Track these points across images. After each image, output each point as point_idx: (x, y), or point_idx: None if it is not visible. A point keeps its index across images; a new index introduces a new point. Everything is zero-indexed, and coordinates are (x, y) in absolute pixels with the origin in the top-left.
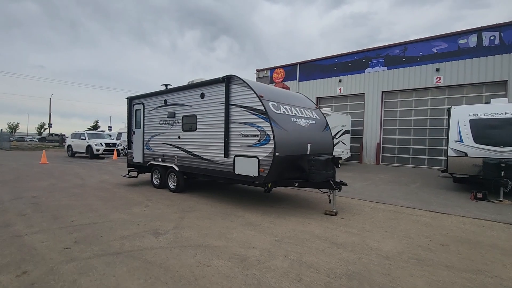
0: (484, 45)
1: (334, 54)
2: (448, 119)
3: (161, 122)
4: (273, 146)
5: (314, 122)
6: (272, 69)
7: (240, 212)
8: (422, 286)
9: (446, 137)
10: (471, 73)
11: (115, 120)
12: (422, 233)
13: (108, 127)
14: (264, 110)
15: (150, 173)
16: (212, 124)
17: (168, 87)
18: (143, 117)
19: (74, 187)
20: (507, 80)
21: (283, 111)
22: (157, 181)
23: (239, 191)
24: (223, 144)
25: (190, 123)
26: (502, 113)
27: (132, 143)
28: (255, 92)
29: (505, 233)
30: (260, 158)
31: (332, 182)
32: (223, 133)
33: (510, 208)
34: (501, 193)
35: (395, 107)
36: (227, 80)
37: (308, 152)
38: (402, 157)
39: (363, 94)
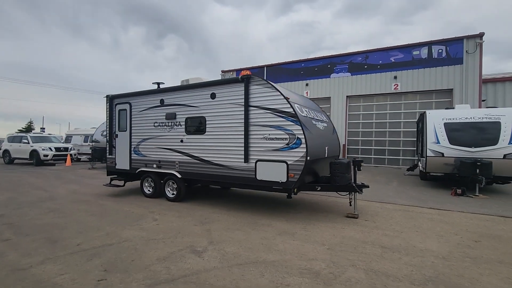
0: (433, 57)
1: (301, 58)
2: (423, 122)
3: (156, 124)
4: (305, 150)
5: (326, 125)
6: (238, 71)
7: (263, 220)
8: (499, 285)
9: (416, 139)
10: (423, 81)
11: (49, 121)
12: (447, 231)
13: (41, 128)
14: (293, 112)
15: (139, 181)
16: (226, 127)
17: (165, 86)
18: (130, 118)
19: (43, 201)
20: (452, 89)
21: (306, 114)
22: (149, 190)
23: (242, 197)
24: (242, 148)
25: (196, 126)
26: (471, 117)
27: (114, 147)
28: (282, 94)
29: (509, 226)
30: (289, 163)
31: (355, 185)
32: (242, 137)
33: (487, 201)
34: (477, 188)
35: (358, 110)
36: (247, 80)
37: (326, 156)
38: (365, 157)
39: (329, 98)
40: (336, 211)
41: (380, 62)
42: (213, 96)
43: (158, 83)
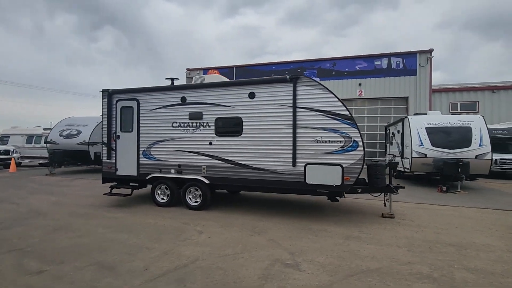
0: (392, 67)
1: (272, 61)
2: (403, 127)
3: (175, 125)
4: (362, 153)
5: None
6: (206, 70)
7: (313, 225)
8: None
9: (384, 142)
10: (384, 89)
11: None
12: (479, 225)
13: None
14: (349, 115)
15: (150, 189)
16: (269, 129)
17: (195, 82)
18: (138, 117)
19: (28, 217)
20: (408, 97)
21: None
22: (163, 199)
23: (260, 201)
24: (290, 152)
25: (230, 127)
26: (448, 122)
27: (114, 150)
28: (336, 96)
29: None
30: (344, 166)
31: (392, 186)
32: (289, 139)
33: (469, 196)
34: (459, 185)
35: None
36: (295, 81)
37: None
38: None
39: None
40: (367, 212)
41: (347, 69)
42: (252, 95)
43: (172, 79)
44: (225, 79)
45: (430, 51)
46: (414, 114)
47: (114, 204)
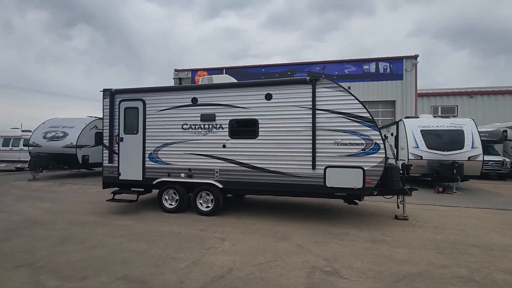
0: (380, 72)
1: (262, 64)
2: (397, 129)
3: (185, 127)
4: (383, 156)
5: None
6: (194, 71)
7: (333, 228)
8: None
9: (393, 145)
10: (372, 93)
11: None
12: (487, 225)
13: None
14: (370, 117)
15: (157, 194)
16: (287, 131)
17: (202, 82)
18: (144, 119)
19: (23, 227)
20: (395, 100)
21: None
22: (170, 204)
23: (266, 204)
24: (309, 155)
25: (245, 129)
26: (441, 125)
27: (117, 153)
28: (356, 98)
29: None
30: (366, 169)
31: (407, 188)
32: (309, 142)
33: (466, 196)
34: (454, 186)
35: None
36: (314, 82)
37: None
38: None
39: None
40: (380, 214)
41: (336, 73)
42: (268, 97)
43: (180, 79)
44: (234, 80)
45: (416, 57)
46: (406, 117)
47: (117, 211)
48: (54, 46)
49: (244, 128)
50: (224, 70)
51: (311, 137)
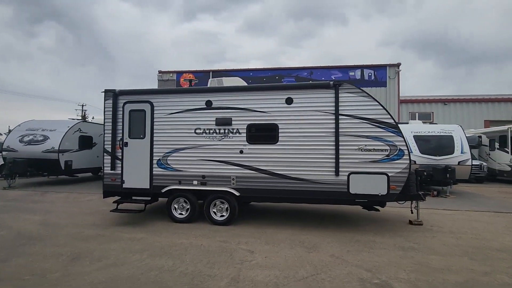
0: (365, 78)
1: (250, 68)
2: None
3: (198, 131)
4: (408, 162)
5: None
6: (179, 73)
7: (358, 236)
8: None
9: None
10: None
11: None
12: (497, 229)
13: None
14: (394, 123)
15: (166, 203)
16: (308, 136)
17: (217, 85)
18: (152, 122)
19: (25, 245)
20: None
21: None
22: (181, 214)
23: (279, 212)
24: (332, 161)
25: (265, 134)
26: (432, 131)
27: (120, 160)
28: (380, 103)
29: None
30: (390, 175)
31: (421, 194)
32: (331, 148)
33: (460, 200)
34: (447, 190)
35: None
36: (337, 87)
37: None
38: None
39: None
40: (393, 220)
41: (323, 78)
42: (289, 101)
43: (190, 80)
44: (245, 83)
45: (398, 65)
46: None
47: (121, 222)
48: (17, 43)
49: (263, 133)
50: (211, 73)
51: (334, 143)
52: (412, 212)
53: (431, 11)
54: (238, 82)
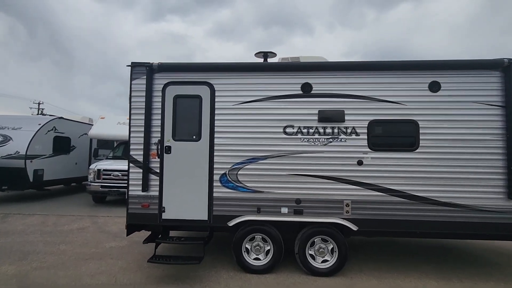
0: None
1: None
2: None
3: (290, 131)
4: None
5: None
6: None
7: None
8: None
9: None
10: None
11: None
12: None
13: None
14: None
15: (234, 243)
16: (464, 140)
17: (316, 60)
18: (212, 115)
19: None
20: None
21: None
22: (258, 259)
23: (402, 247)
24: (502, 177)
25: (397, 137)
26: None
27: (160, 174)
28: None
29: None
30: None
31: None
32: (500, 157)
33: None
34: None
35: None
36: (509, 67)
37: None
38: None
39: None
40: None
41: None
42: (434, 86)
43: (266, 53)
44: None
45: None
46: None
47: (158, 276)
48: None
49: (395, 135)
50: None
51: (503, 151)
52: None
53: (389, 25)
54: (321, 59)
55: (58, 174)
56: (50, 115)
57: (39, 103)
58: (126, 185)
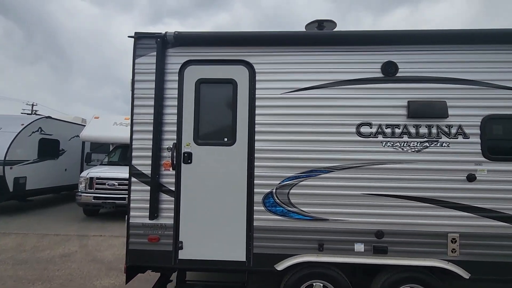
0: None
1: None
2: None
3: (366, 131)
4: None
5: None
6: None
7: None
8: None
9: None
10: None
11: None
12: None
13: None
14: None
15: None
16: None
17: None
18: (252, 108)
19: None
20: None
21: None
22: None
23: None
24: None
25: None
26: None
27: (176, 194)
28: None
29: None
30: None
31: None
32: None
33: None
34: None
35: None
36: None
37: None
38: None
39: None
40: None
41: None
42: None
43: (321, 21)
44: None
45: None
46: None
47: None
48: None
49: None
50: None
51: None
52: None
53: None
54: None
55: (44, 183)
56: (39, 114)
57: (32, 105)
58: (127, 208)
